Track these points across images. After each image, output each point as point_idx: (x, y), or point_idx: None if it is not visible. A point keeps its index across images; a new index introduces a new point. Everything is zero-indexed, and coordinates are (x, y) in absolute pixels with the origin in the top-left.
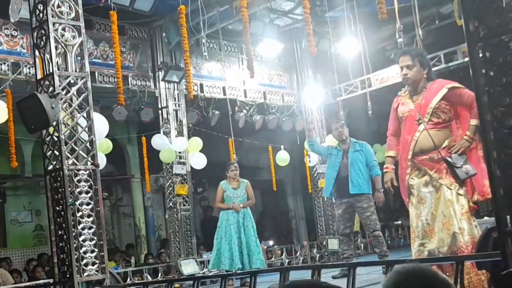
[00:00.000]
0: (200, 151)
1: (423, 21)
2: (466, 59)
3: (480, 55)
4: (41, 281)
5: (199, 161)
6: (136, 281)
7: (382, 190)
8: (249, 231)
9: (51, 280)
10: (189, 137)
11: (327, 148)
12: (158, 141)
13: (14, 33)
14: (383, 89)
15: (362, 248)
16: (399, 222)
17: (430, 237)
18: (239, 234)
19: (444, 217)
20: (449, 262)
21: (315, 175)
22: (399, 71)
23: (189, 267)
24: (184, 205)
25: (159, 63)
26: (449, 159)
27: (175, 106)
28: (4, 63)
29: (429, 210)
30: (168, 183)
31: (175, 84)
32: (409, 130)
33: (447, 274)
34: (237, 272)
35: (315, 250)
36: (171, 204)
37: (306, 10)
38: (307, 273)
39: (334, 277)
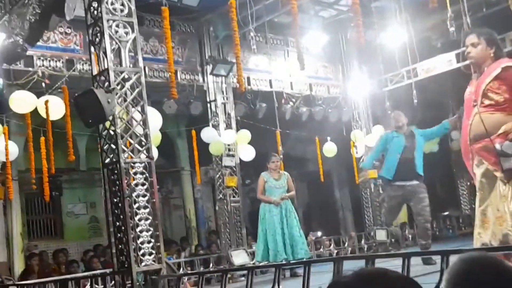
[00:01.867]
0: (248, 143)
1: (470, 9)
2: None
3: None
4: (99, 271)
5: (247, 153)
6: (189, 271)
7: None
8: (292, 221)
9: (108, 271)
10: (237, 130)
11: (383, 139)
12: (207, 134)
13: (68, 30)
14: (429, 79)
15: (410, 239)
16: (447, 212)
17: (486, 228)
18: (282, 225)
19: (498, 211)
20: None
21: (361, 165)
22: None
23: (239, 257)
24: (233, 197)
25: (207, 57)
26: (498, 145)
27: (223, 99)
28: (59, 60)
29: (487, 201)
30: (217, 175)
31: (223, 78)
32: (467, 114)
33: None
34: (291, 261)
35: (363, 241)
36: (221, 196)
37: (356, 0)
38: (359, 263)
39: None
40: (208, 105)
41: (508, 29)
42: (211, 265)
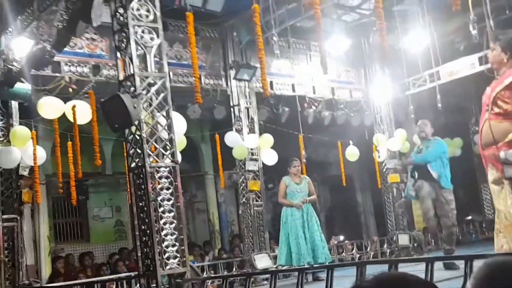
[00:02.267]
0: (271, 147)
1: (493, 11)
2: None
3: None
4: (124, 274)
5: (270, 158)
6: (214, 275)
7: None
8: (313, 226)
9: (133, 274)
10: (260, 134)
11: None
12: (231, 138)
13: (94, 36)
14: (452, 82)
15: (433, 243)
16: (470, 217)
17: (497, 235)
18: (303, 229)
19: (506, 219)
20: None
21: (384, 170)
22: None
23: (262, 261)
24: (256, 201)
25: (230, 62)
26: (502, 153)
27: (246, 103)
28: (85, 66)
29: (498, 208)
30: (241, 179)
31: (246, 82)
32: (482, 117)
33: None
34: (314, 266)
35: (385, 246)
36: (244, 200)
37: (378, 4)
38: (382, 267)
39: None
40: (232, 109)
41: None
42: (234, 268)
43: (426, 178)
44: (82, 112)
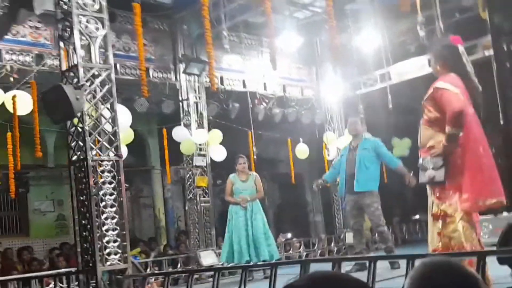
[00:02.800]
0: (220, 143)
1: (443, 13)
2: (487, 53)
3: (505, 48)
4: (63, 270)
5: (219, 153)
6: (156, 271)
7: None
8: (257, 223)
9: (73, 269)
10: (209, 129)
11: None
12: (178, 133)
13: (38, 25)
14: (402, 83)
15: (380, 242)
16: (417, 217)
17: None
18: (246, 227)
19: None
20: (471, 257)
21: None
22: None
23: (208, 258)
24: (203, 197)
25: (180, 56)
26: (420, 159)
27: (196, 98)
28: (28, 55)
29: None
30: (188, 175)
31: (196, 77)
32: None
33: None
34: (258, 263)
35: (332, 244)
36: (191, 196)
37: (329, 2)
38: (327, 266)
39: (348, 272)
40: (180, 104)
41: (481, 34)
42: (179, 265)
43: (349, 191)
44: (23, 102)
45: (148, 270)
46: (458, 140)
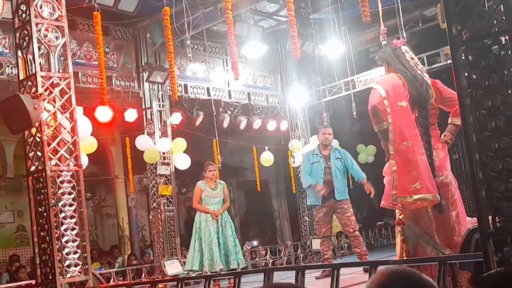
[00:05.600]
0: (184, 151)
1: (406, 23)
2: (449, 61)
3: (463, 58)
4: (23, 283)
5: (183, 162)
6: (120, 283)
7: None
8: (227, 231)
9: (33, 282)
10: (173, 138)
11: (308, 159)
12: (142, 141)
13: None
14: (367, 90)
15: (346, 248)
16: (382, 222)
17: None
18: (218, 235)
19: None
20: (432, 262)
21: (299, 175)
22: (383, 73)
23: (172, 267)
24: (168, 206)
25: (143, 64)
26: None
27: (159, 107)
28: None
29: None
30: (152, 184)
31: (159, 85)
32: None
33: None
34: (221, 273)
35: (299, 250)
36: (155, 205)
37: (291, 12)
38: (291, 273)
39: (317, 278)
40: (144, 112)
41: (443, 44)
42: (143, 275)
43: (326, 199)
44: None
45: (112, 281)
46: (386, 136)
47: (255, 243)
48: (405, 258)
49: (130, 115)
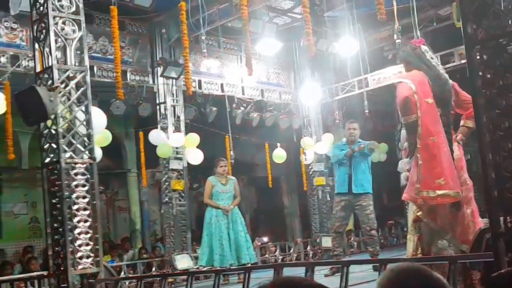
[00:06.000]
0: (197, 147)
1: (421, 22)
2: (463, 61)
3: (478, 57)
4: (34, 273)
5: (195, 157)
6: (130, 275)
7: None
8: (237, 226)
9: (45, 273)
10: (186, 133)
11: (338, 147)
12: (155, 136)
13: (14, 25)
14: (380, 89)
15: (356, 246)
16: (392, 221)
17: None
18: (228, 230)
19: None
20: (443, 262)
21: (310, 173)
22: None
23: (183, 262)
24: (179, 201)
25: (158, 59)
26: (399, 163)
27: (173, 102)
28: (3, 56)
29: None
30: (164, 178)
31: (174, 80)
32: None
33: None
34: (231, 268)
35: (308, 247)
36: (166, 199)
37: (306, 9)
38: (300, 270)
39: (326, 275)
40: (158, 107)
41: (457, 43)
42: (153, 269)
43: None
44: None
45: (123, 273)
46: (414, 129)
47: (265, 239)
48: (419, 255)
49: (144, 109)
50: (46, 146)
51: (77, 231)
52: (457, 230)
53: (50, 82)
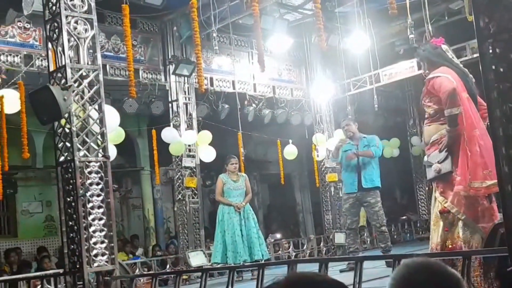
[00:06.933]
0: (209, 144)
1: (432, 17)
2: (475, 55)
3: (490, 51)
4: (51, 271)
5: (208, 154)
6: (145, 272)
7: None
8: (249, 223)
9: (61, 271)
10: (198, 131)
11: (343, 148)
12: (168, 134)
13: (27, 25)
14: (391, 84)
15: (369, 242)
16: (405, 217)
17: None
18: (241, 227)
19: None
20: (456, 257)
21: (322, 169)
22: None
23: (197, 259)
24: (192, 198)
25: (169, 57)
26: (425, 157)
27: (185, 99)
28: (17, 55)
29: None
30: (177, 176)
31: (185, 78)
32: None
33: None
34: (245, 264)
35: (321, 244)
36: (180, 197)
37: (317, 5)
38: (314, 266)
39: (341, 271)
40: (170, 105)
41: (469, 37)
42: (168, 266)
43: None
44: (11, 102)
45: (137, 271)
46: (458, 121)
47: (278, 236)
48: (449, 247)
49: (157, 107)
50: (60, 145)
51: (92, 229)
52: (483, 222)
53: (63, 81)
